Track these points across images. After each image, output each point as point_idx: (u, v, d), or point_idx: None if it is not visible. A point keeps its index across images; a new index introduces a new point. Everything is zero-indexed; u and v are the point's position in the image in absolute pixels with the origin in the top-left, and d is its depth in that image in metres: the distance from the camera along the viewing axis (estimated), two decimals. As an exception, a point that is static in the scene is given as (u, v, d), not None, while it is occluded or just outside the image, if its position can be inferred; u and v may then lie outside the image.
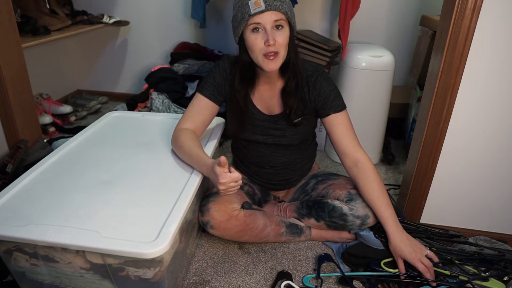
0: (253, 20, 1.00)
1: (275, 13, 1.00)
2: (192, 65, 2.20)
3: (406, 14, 2.15)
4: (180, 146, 1.11)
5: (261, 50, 1.03)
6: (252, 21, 1.01)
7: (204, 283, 1.13)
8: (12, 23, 1.37)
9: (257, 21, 1.00)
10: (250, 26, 1.02)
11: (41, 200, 0.92)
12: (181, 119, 1.18)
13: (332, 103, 1.14)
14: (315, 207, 1.22)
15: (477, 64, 1.12)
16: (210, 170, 1.00)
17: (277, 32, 1.02)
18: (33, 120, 1.52)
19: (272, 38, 1.00)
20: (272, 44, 1.00)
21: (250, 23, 1.01)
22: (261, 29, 1.02)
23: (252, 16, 1.00)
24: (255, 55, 1.05)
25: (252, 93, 1.19)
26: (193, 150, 1.08)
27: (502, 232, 1.32)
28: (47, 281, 0.92)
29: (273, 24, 1.01)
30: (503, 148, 1.21)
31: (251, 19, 1.01)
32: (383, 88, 1.73)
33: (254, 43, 1.03)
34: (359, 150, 1.16)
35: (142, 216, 0.87)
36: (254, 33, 1.03)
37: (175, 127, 1.17)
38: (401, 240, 1.08)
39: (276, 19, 1.00)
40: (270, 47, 1.01)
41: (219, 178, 0.95)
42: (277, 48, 1.03)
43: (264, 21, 1.00)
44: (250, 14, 1.00)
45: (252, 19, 1.00)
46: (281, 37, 1.02)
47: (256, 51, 1.04)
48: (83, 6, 2.39)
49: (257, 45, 1.03)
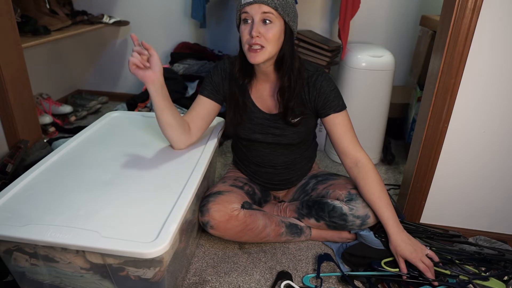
0: (243, 9, 1.03)
1: (264, 6, 1.01)
2: (192, 65, 2.20)
3: (406, 14, 2.15)
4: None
5: (247, 41, 1.04)
6: (242, 10, 1.04)
7: (204, 283, 1.13)
8: (12, 23, 1.37)
9: (246, 11, 1.03)
10: (242, 16, 1.05)
11: (41, 200, 0.92)
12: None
13: (332, 103, 1.14)
14: (315, 207, 1.22)
15: (477, 64, 1.12)
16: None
17: (264, 26, 1.03)
18: (33, 120, 1.52)
19: (256, 30, 1.02)
20: (254, 36, 1.02)
21: (241, 12, 1.05)
22: (250, 21, 1.04)
23: (243, 6, 1.03)
24: (243, 45, 1.07)
25: (252, 90, 1.19)
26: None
27: (502, 232, 1.32)
28: (47, 281, 0.92)
29: (261, 17, 1.02)
30: (503, 148, 1.21)
31: (242, 8, 1.04)
32: (383, 88, 1.73)
33: (242, 33, 1.05)
34: (359, 150, 1.16)
35: (142, 216, 0.87)
36: (244, 24, 1.05)
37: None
38: (402, 240, 1.08)
39: (264, 11, 1.01)
40: (253, 39, 1.02)
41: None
42: (262, 42, 1.03)
43: (252, 12, 1.02)
44: (241, 4, 1.04)
45: (243, 9, 1.03)
46: (268, 32, 1.03)
47: (243, 41, 1.06)
48: (83, 6, 2.39)
49: (244, 36, 1.05)
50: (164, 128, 1.13)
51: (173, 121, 1.11)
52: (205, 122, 1.21)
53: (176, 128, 1.13)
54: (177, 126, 1.12)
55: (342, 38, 1.79)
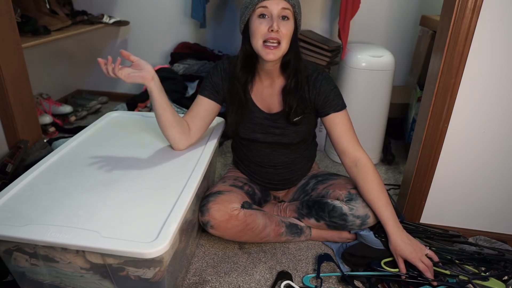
0: (262, 4, 1.03)
1: (283, 2, 1.02)
2: (192, 65, 2.20)
3: (406, 14, 2.15)
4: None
5: (263, 35, 1.04)
6: (260, 5, 1.03)
7: (204, 283, 1.13)
8: (12, 23, 1.37)
9: (265, 5, 1.02)
10: (257, 11, 1.04)
11: (41, 200, 0.92)
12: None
13: (332, 103, 1.14)
14: (315, 207, 1.22)
15: (477, 64, 1.12)
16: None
17: (282, 21, 1.04)
18: (33, 120, 1.52)
19: (277, 25, 1.02)
20: (275, 29, 1.02)
21: (258, 7, 1.03)
22: (268, 16, 1.03)
23: (261, 0, 1.02)
24: (256, 41, 1.06)
25: (252, 90, 1.19)
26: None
27: (502, 232, 1.32)
28: (47, 281, 0.92)
29: (280, 13, 1.03)
30: (503, 148, 1.21)
31: (259, 3, 1.03)
32: (383, 88, 1.73)
33: (258, 27, 1.04)
34: (358, 150, 1.16)
35: (142, 216, 0.87)
36: (259, 18, 1.04)
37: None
38: (401, 239, 1.08)
39: (283, 7, 1.02)
40: (273, 33, 1.02)
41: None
42: (280, 37, 1.04)
43: (272, 7, 1.02)
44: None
45: (260, 3, 1.03)
46: (285, 28, 1.04)
47: (257, 35, 1.05)
48: (83, 6, 2.39)
49: (261, 30, 1.04)
50: (165, 128, 1.13)
51: (174, 120, 1.11)
52: (205, 123, 1.21)
53: (176, 128, 1.13)
54: (177, 126, 1.13)
55: (342, 38, 1.79)
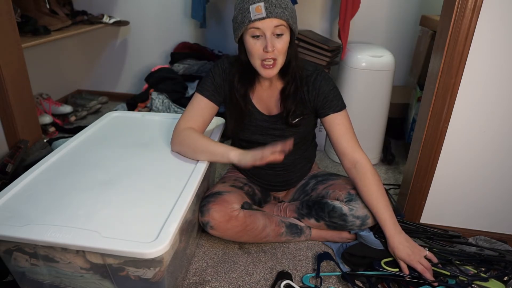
0: (253, 25, 1.01)
1: (276, 20, 1.00)
2: (192, 65, 2.20)
3: (406, 14, 2.15)
4: (193, 144, 1.11)
5: (260, 56, 1.04)
6: (252, 26, 1.01)
7: (204, 283, 1.13)
8: (12, 23, 1.37)
9: (257, 26, 1.01)
10: (249, 31, 1.02)
11: (41, 200, 0.92)
12: (181, 119, 1.17)
13: (331, 103, 1.14)
14: (315, 207, 1.22)
15: (477, 64, 1.12)
16: (241, 155, 1.06)
17: (276, 39, 1.02)
18: (33, 120, 1.52)
19: (271, 45, 1.01)
20: (270, 51, 1.01)
21: (250, 27, 1.02)
22: (261, 35, 1.02)
23: (252, 21, 1.00)
24: (254, 60, 1.06)
25: (252, 93, 1.19)
26: (211, 145, 1.11)
27: (502, 232, 1.32)
28: (47, 281, 0.92)
29: (273, 31, 1.01)
30: (503, 148, 1.21)
31: (251, 24, 1.01)
32: (383, 88, 1.73)
33: (253, 48, 1.03)
34: (357, 151, 1.15)
35: (142, 216, 0.87)
36: (253, 38, 1.03)
37: (176, 127, 1.16)
38: (399, 242, 1.08)
39: (276, 25, 1.00)
40: (268, 53, 1.02)
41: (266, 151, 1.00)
42: (275, 55, 1.03)
43: (264, 27, 1.00)
44: (250, 20, 1.00)
45: (252, 24, 1.01)
46: (280, 44, 1.03)
47: (254, 55, 1.05)
48: (83, 6, 2.39)
49: (256, 50, 1.03)
50: (197, 156, 1.14)
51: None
52: (205, 123, 1.21)
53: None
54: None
55: (342, 38, 1.78)
